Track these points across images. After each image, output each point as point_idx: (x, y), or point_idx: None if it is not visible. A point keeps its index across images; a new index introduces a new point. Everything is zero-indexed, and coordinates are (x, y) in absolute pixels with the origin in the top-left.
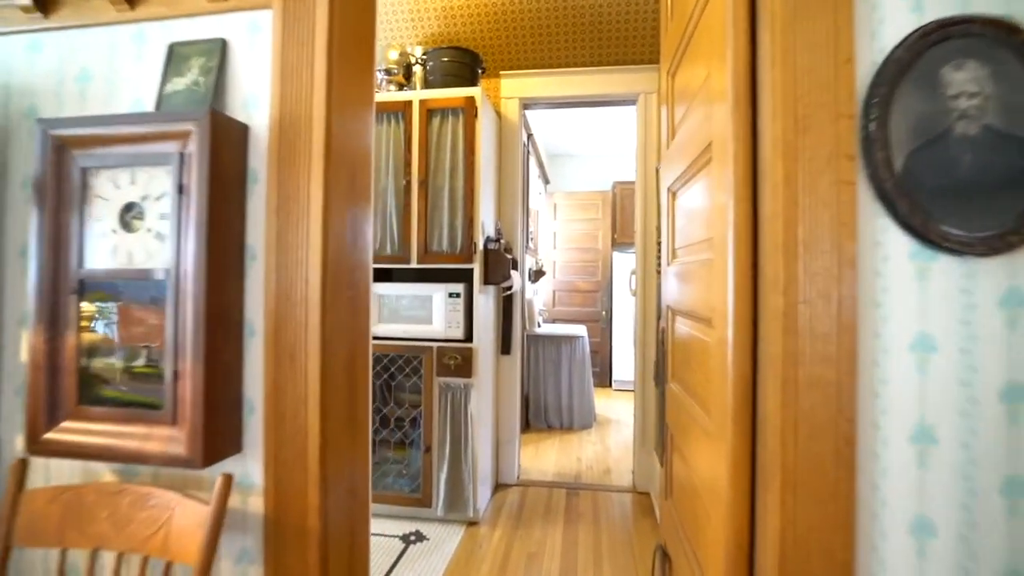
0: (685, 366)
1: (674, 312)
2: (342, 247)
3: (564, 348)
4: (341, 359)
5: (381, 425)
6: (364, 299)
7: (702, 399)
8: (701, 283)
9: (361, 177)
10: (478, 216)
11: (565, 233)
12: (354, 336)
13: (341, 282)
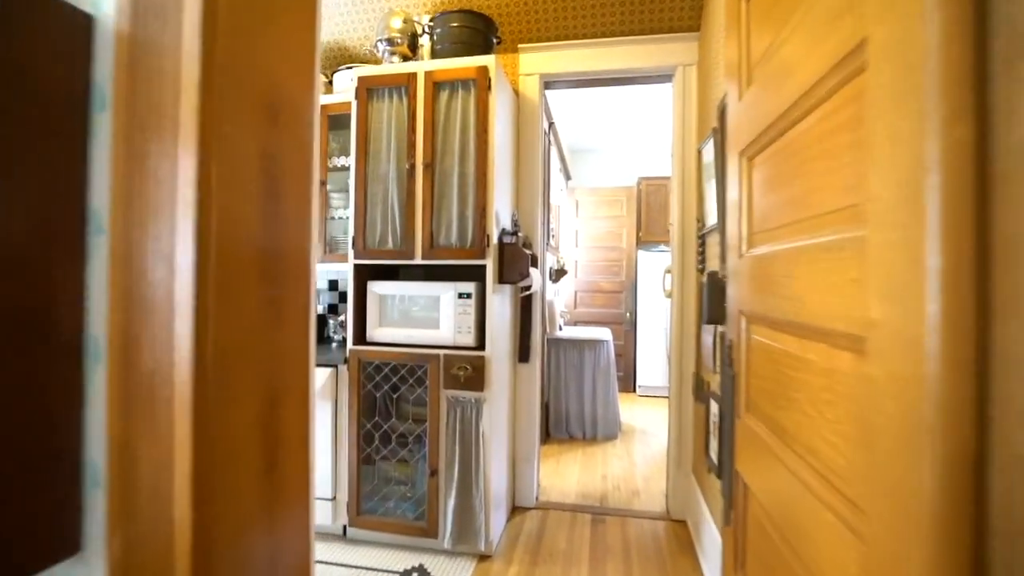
0: (780, 402)
1: (754, 320)
2: (248, 218)
3: (587, 353)
4: (252, 396)
5: (381, 443)
6: (299, 302)
7: (832, 466)
8: (829, 278)
9: (292, 118)
10: (491, 205)
11: (587, 231)
12: (280, 360)
13: (246, 274)
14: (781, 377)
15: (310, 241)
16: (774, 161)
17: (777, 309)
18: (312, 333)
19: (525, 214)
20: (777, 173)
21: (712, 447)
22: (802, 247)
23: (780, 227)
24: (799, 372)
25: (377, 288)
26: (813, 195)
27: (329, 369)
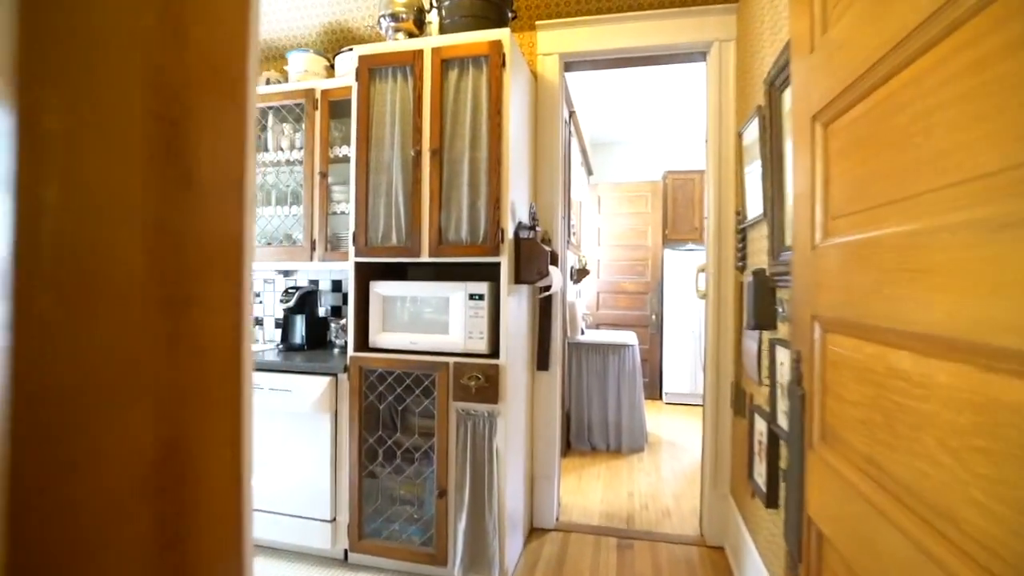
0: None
1: (836, 328)
2: (124, 200)
3: (611, 358)
4: (135, 450)
5: (385, 459)
6: (224, 314)
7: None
8: (991, 271)
9: (209, 71)
10: (506, 195)
11: (610, 228)
12: (188, 394)
13: (120, 277)
14: (885, 405)
15: (244, 234)
16: (869, 120)
17: (880, 314)
18: (246, 353)
19: (544, 207)
20: (874, 135)
21: (758, 470)
22: (933, 228)
23: (886, 204)
24: (920, 401)
25: (380, 289)
26: (950, 156)
27: (327, 378)
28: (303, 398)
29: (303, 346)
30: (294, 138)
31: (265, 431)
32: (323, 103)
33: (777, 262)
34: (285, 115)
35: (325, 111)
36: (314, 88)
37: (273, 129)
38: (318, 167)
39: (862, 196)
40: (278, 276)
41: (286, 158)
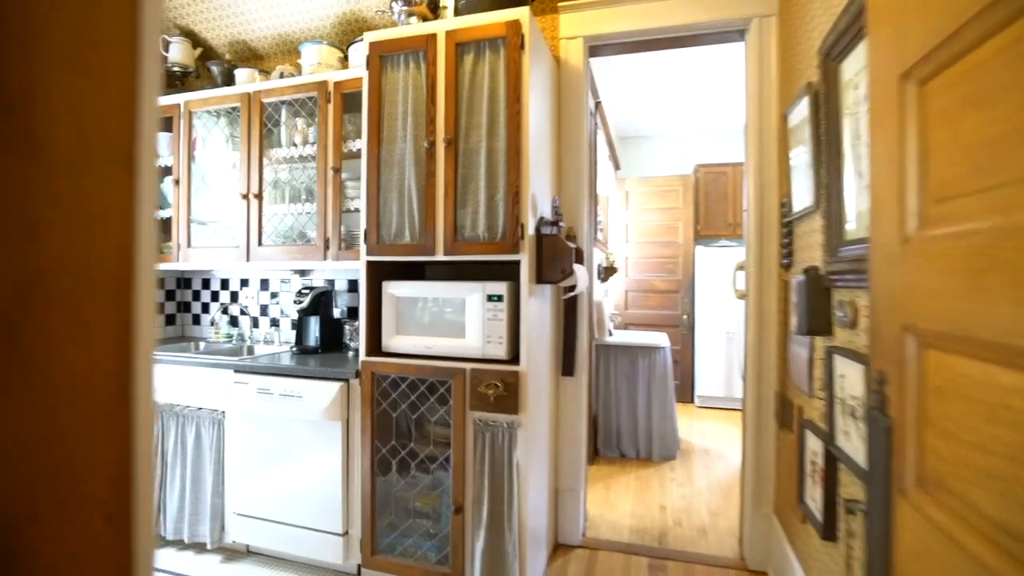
0: None
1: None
2: None
3: (641, 361)
4: None
5: (400, 470)
6: (90, 338)
7: None
8: None
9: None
10: (527, 187)
11: (639, 225)
12: (32, 450)
13: None
14: None
15: (135, 234)
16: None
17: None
18: (141, 398)
19: (569, 202)
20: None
21: (811, 494)
22: None
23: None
24: None
25: (393, 289)
26: None
27: (338, 384)
28: (313, 405)
29: (317, 349)
30: (307, 133)
31: (275, 439)
32: (336, 96)
33: (835, 259)
34: (298, 109)
35: (338, 104)
36: (327, 80)
37: (286, 124)
38: (331, 162)
39: (993, 168)
40: (294, 276)
41: (299, 154)
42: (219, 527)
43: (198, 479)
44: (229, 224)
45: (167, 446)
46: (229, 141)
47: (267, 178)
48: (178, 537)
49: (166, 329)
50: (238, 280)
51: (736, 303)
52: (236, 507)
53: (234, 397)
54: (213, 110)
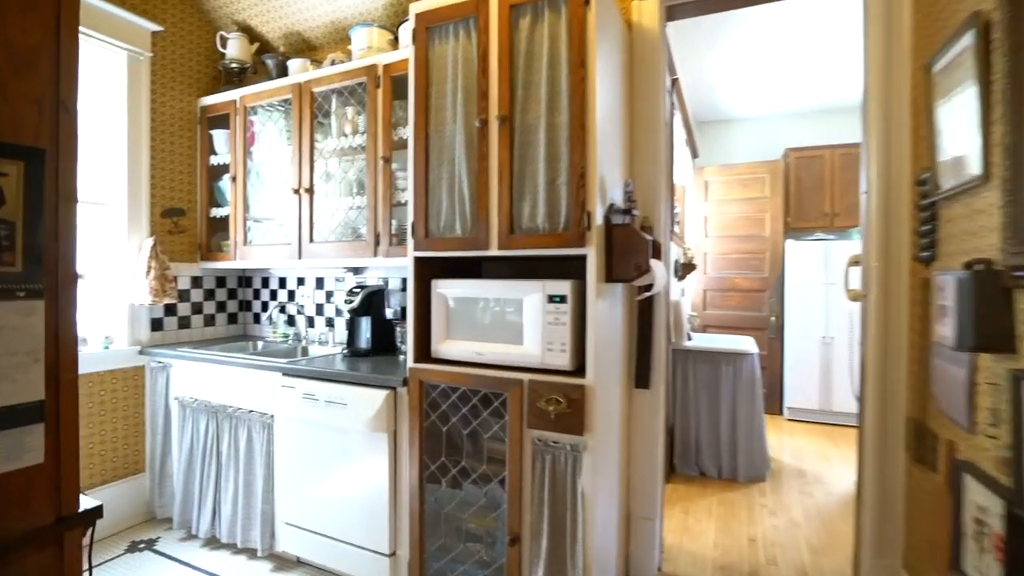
0: None
1: None
2: None
3: (724, 368)
4: None
5: (451, 486)
6: None
7: None
8: None
9: None
10: (593, 169)
11: (719, 217)
12: None
13: None
14: None
15: None
16: None
17: None
18: None
19: (643, 187)
20: None
21: (975, 563)
22: None
23: None
24: None
25: (443, 289)
26: None
27: (384, 392)
28: (358, 413)
29: (368, 351)
30: (357, 122)
31: (323, 447)
32: (385, 80)
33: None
34: (348, 97)
35: (388, 88)
36: (375, 64)
37: (336, 114)
38: (381, 151)
39: None
40: (348, 274)
41: (350, 144)
42: (269, 534)
43: (249, 483)
44: (282, 221)
45: (222, 447)
46: (283, 135)
47: (318, 171)
48: (231, 541)
49: (228, 327)
50: (295, 278)
51: (837, 304)
52: (285, 516)
53: (281, 401)
54: (267, 104)
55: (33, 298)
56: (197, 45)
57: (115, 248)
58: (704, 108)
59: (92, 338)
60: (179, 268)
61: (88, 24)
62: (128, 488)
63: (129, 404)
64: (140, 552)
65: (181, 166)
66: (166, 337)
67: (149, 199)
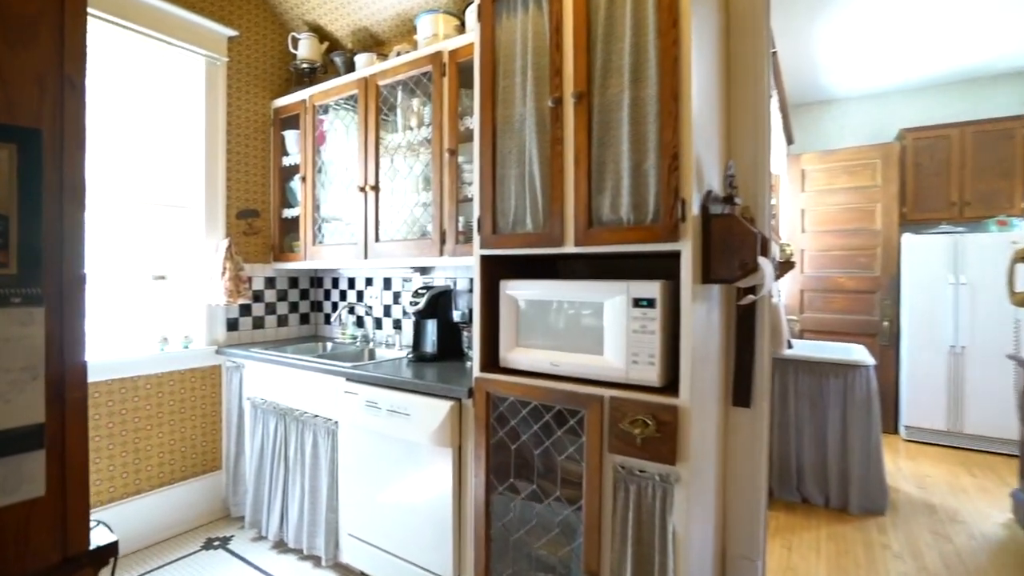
0: None
1: None
2: None
3: (832, 381)
4: None
5: (522, 510)
6: None
7: None
8: None
9: None
10: (689, 148)
11: (818, 209)
12: None
13: None
14: None
15: None
16: None
17: None
18: None
19: (743, 171)
20: None
21: None
22: None
23: None
24: None
25: (513, 290)
26: None
27: (448, 403)
28: (421, 425)
29: (434, 356)
30: (423, 114)
31: (386, 459)
32: (451, 67)
33: None
34: (413, 88)
35: (453, 76)
36: (441, 51)
37: (401, 106)
38: (447, 143)
39: None
40: (415, 274)
41: (415, 139)
42: (333, 544)
43: (315, 490)
44: (349, 220)
45: (289, 451)
46: (350, 133)
47: (383, 168)
48: (298, 546)
49: (300, 328)
50: (363, 279)
51: (972, 307)
52: (349, 526)
53: (344, 407)
54: (334, 101)
55: (31, 305)
56: (270, 48)
57: (194, 249)
58: (801, 88)
59: (173, 337)
60: (253, 269)
61: (168, 32)
62: (206, 484)
63: (207, 402)
64: (215, 550)
65: (255, 168)
66: (241, 337)
67: (225, 201)
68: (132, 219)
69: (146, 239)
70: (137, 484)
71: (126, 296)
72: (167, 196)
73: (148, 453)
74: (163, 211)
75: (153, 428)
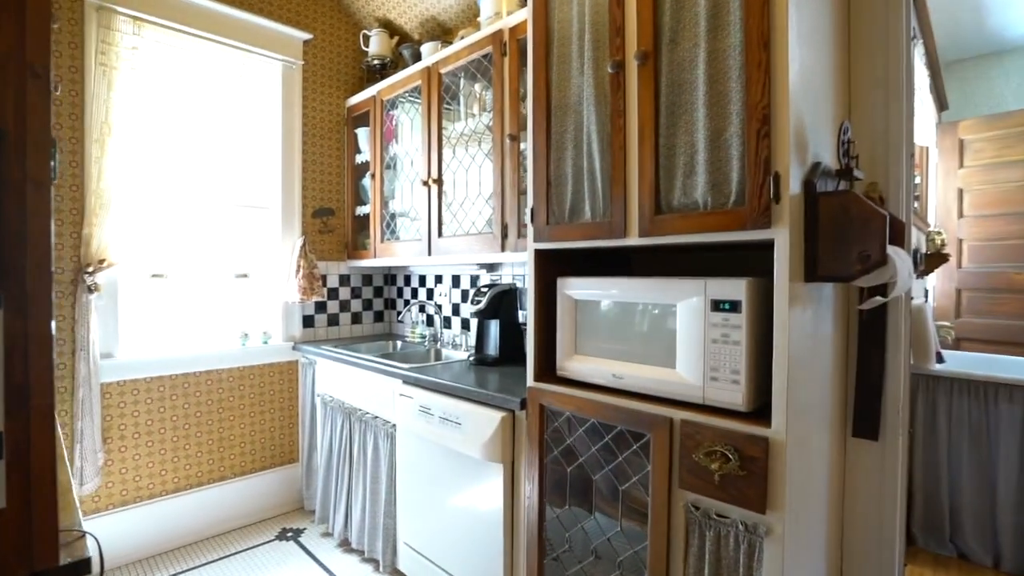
0: None
1: None
2: None
3: (1003, 407)
4: None
5: (579, 541)
6: None
7: None
8: None
9: None
10: (785, 109)
11: (983, 189)
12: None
13: None
14: None
15: None
16: None
17: None
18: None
19: (867, 136)
20: None
21: None
22: None
23: None
24: None
25: (571, 290)
26: None
27: (500, 414)
28: (472, 436)
29: (496, 360)
30: (485, 99)
31: (440, 469)
32: (512, 45)
33: None
34: (474, 72)
35: (514, 55)
36: (501, 30)
37: (463, 92)
38: (507, 128)
39: None
40: (481, 271)
41: (477, 126)
42: (391, 550)
43: (376, 493)
44: (415, 216)
45: (354, 450)
46: (415, 126)
47: (446, 160)
48: (360, 548)
49: (374, 326)
50: (433, 276)
51: None
52: (405, 535)
53: (400, 411)
54: (401, 95)
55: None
56: (343, 47)
57: (272, 248)
58: (958, 38)
59: (253, 333)
60: (328, 267)
61: (247, 40)
62: (284, 476)
63: (285, 396)
64: (287, 541)
65: (330, 167)
66: (317, 334)
67: (301, 200)
68: (216, 220)
69: (229, 239)
70: (221, 471)
71: (211, 294)
72: (248, 197)
73: (231, 442)
74: (245, 212)
75: (236, 419)
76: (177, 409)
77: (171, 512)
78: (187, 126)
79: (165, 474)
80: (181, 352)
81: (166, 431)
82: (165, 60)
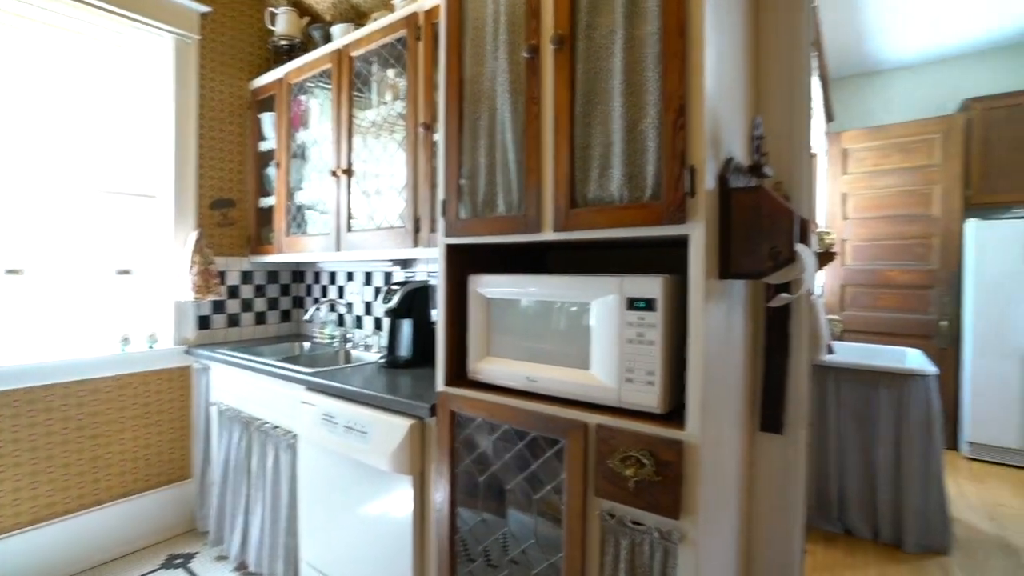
0: None
1: None
2: None
3: (883, 393)
4: None
5: (494, 558)
6: None
7: None
8: None
9: None
10: (700, 100)
11: (864, 194)
12: None
13: None
14: None
15: None
16: None
17: None
18: None
19: (775, 135)
20: None
21: None
22: None
23: None
24: None
25: (484, 288)
26: None
27: (409, 421)
28: (377, 446)
29: (409, 361)
30: (398, 87)
31: (345, 483)
32: (427, 29)
33: None
34: (387, 57)
35: (429, 40)
36: (416, 13)
37: (376, 78)
38: (421, 117)
39: None
40: (395, 268)
41: (388, 114)
42: (292, 572)
43: (276, 511)
44: (324, 209)
45: (252, 464)
46: (325, 113)
47: (356, 149)
48: (259, 571)
49: (280, 326)
50: (344, 273)
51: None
52: (309, 555)
53: (303, 420)
54: (309, 79)
55: None
56: (248, 25)
57: (162, 242)
58: (841, 59)
59: (137, 336)
60: (228, 263)
61: (131, 7)
62: (174, 495)
63: (175, 406)
64: (175, 569)
65: (231, 154)
66: (214, 336)
67: (197, 190)
68: (93, 209)
69: (108, 231)
70: (96, 495)
71: (85, 292)
72: (133, 185)
73: (108, 461)
74: (129, 201)
75: (114, 434)
76: (36, 427)
77: (29, 548)
78: (53, 104)
79: (19, 504)
80: (42, 359)
81: (21, 453)
82: (23, 26)
